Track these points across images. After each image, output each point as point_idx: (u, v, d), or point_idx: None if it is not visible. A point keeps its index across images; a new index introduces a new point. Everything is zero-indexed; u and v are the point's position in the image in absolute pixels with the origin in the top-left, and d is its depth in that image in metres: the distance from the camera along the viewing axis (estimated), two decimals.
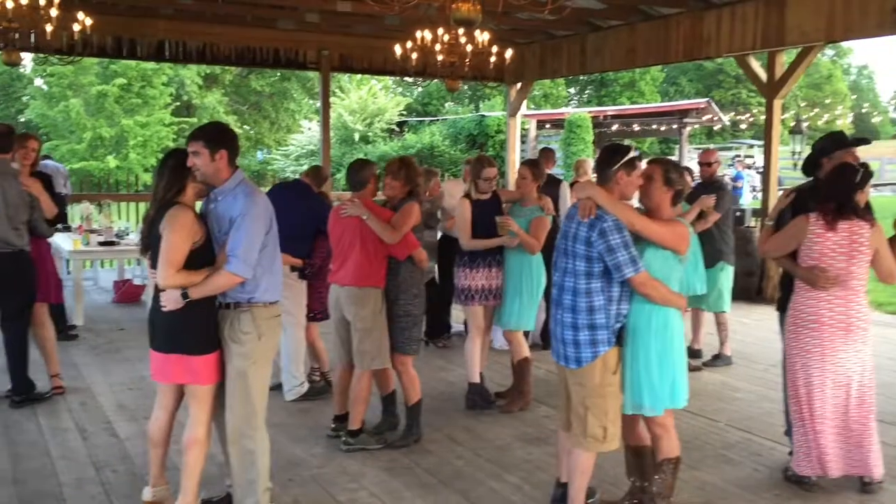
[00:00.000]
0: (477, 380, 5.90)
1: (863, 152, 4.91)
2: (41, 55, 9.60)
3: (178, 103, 35.06)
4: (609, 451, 3.90)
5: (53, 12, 7.45)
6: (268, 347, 3.90)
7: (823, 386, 4.36)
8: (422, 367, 7.04)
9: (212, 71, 36.27)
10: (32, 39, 8.72)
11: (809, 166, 4.82)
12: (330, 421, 5.36)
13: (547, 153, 8.38)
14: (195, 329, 3.76)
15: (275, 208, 6.20)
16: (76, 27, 8.02)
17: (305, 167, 27.79)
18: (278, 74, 37.78)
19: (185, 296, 3.63)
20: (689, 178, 4.89)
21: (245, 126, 38.88)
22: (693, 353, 7.06)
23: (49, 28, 7.57)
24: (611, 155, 3.82)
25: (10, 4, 7.22)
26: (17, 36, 7.91)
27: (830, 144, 4.74)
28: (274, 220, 3.86)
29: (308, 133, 30.24)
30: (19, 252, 5.68)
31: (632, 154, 3.80)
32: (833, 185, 4.35)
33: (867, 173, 4.34)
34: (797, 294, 4.44)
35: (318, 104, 13.80)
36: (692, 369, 6.78)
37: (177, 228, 3.64)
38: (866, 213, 4.35)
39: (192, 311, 3.69)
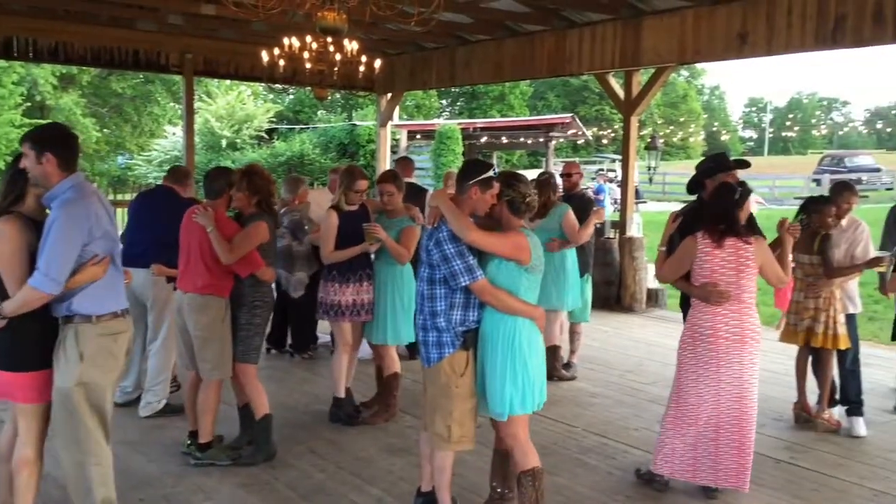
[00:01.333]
0: (342, 395, 5.82)
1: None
2: None
3: (29, 104, 33.00)
4: (460, 450, 3.99)
5: None
6: (99, 368, 3.55)
7: (701, 395, 4.53)
8: (286, 378, 6.98)
9: (68, 71, 34.38)
10: None
11: (693, 186, 5.10)
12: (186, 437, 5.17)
13: (404, 162, 8.44)
14: (18, 345, 3.52)
15: (141, 218, 5.98)
16: None
17: None
18: (141, 76, 36.28)
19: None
20: (530, 188, 4.85)
21: (105, 130, 37.05)
22: (567, 364, 7.23)
23: None
24: (469, 169, 3.94)
25: None
26: None
27: (713, 166, 5.05)
28: (107, 229, 3.57)
29: (172, 138, 29.22)
30: None
31: (489, 173, 3.87)
32: (715, 205, 4.60)
33: (745, 191, 4.60)
34: (694, 309, 4.62)
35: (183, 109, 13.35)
36: (567, 379, 6.97)
37: (1, 242, 3.43)
38: (748, 228, 4.60)
39: (20, 327, 3.46)
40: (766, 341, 4.91)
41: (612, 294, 10.41)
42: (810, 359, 5.97)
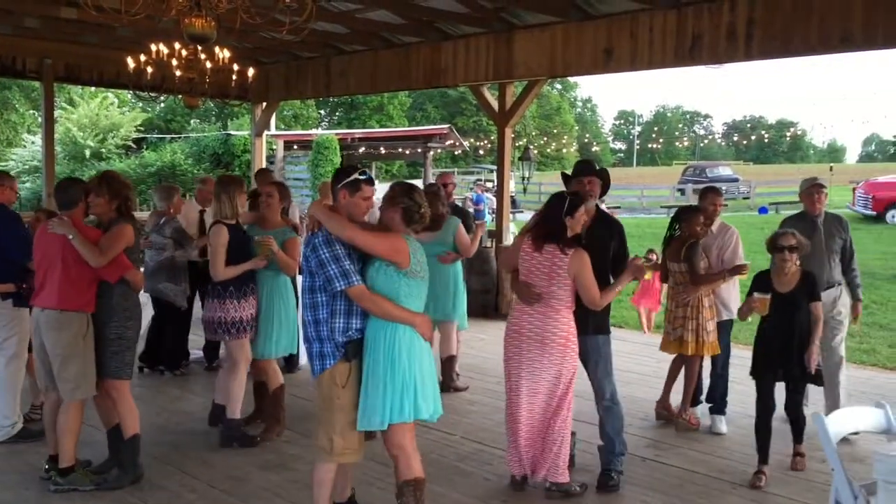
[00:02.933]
0: (238, 415, 5.60)
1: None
2: None
3: None
4: (344, 462, 3.93)
5: None
6: None
7: (519, 391, 4.73)
8: (157, 397, 6.72)
9: None
10: None
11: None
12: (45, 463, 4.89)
13: (263, 173, 8.39)
14: None
15: None
16: None
17: (28, 184, 25.27)
18: None
19: None
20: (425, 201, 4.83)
21: None
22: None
23: None
24: (336, 176, 3.94)
25: None
26: None
27: (571, 174, 5.21)
28: None
29: (31, 147, 27.63)
30: None
31: (355, 176, 3.85)
32: (544, 213, 4.75)
33: (574, 201, 4.68)
34: (512, 306, 4.82)
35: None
36: (462, 390, 7.01)
37: None
38: (570, 240, 4.62)
39: None
40: (633, 343, 5.11)
41: (490, 302, 10.57)
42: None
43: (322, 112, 50.81)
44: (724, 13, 7.71)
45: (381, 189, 4.93)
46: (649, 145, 73.49)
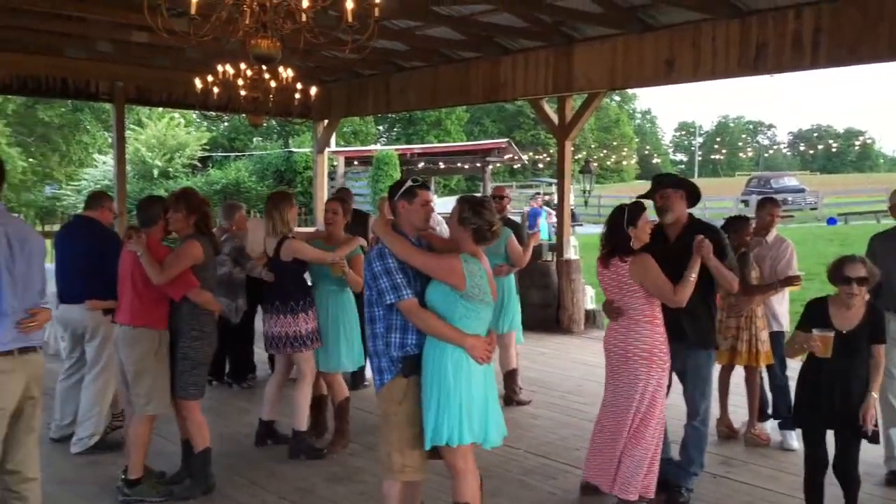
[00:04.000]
0: (304, 428, 5.67)
1: None
2: None
3: None
4: (407, 480, 3.87)
5: None
6: None
7: (605, 404, 4.71)
8: (224, 410, 6.85)
9: None
10: None
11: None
12: None
13: (344, 192, 8.49)
14: None
15: (63, 252, 5.81)
16: None
17: None
18: (70, 105, 35.46)
19: None
20: (496, 216, 4.63)
21: (31, 159, 36.06)
22: None
23: None
24: (392, 190, 3.95)
25: None
26: None
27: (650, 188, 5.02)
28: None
29: (103, 167, 28.63)
30: None
31: (409, 184, 3.87)
32: (607, 227, 4.72)
33: (633, 211, 4.64)
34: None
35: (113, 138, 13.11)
36: (524, 403, 7.00)
37: None
38: (631, 248, 4.54)
39: None
40: None
41: (551, 316, 10.52)
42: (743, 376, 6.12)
43: (381, 128, 51.36)
44: (790, 21, 7.59)
45: (441, 204, 4.96)
46: (711, 156, 72.32)
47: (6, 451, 3.60)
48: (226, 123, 39.93)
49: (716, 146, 76.85)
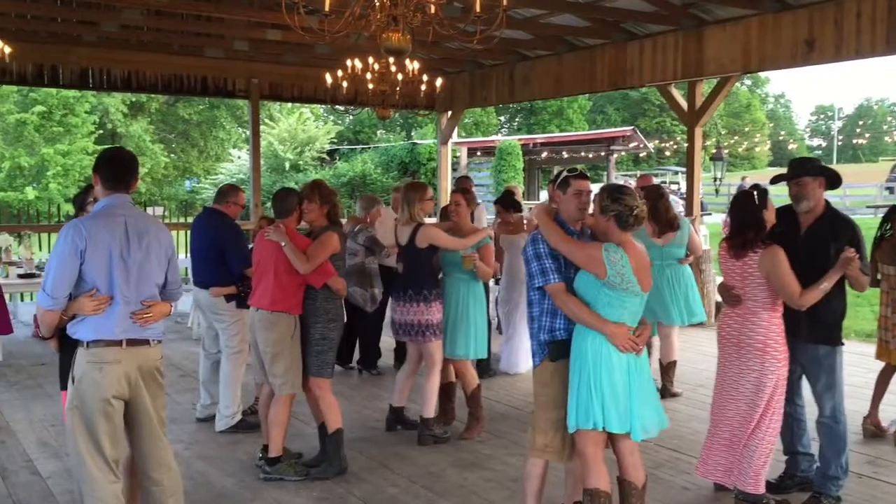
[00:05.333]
0: (433, 415, 5.78)
1: None
2: None
3: (101, 131, 34.27)
4: (545, 459, 3.96)
5: None
6: (86, 394, 3.50)
7: (718, 394, 4.59)
8: (354, 396, 7.06)
9: (137, 99, 35.62)
10: None
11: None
12: None
13: (464, 181, 8.54)
14: (62, 364, 3.81)
15: (194, 242, 6.21)
16: None
17: None
18: (207, 102, 37.31)
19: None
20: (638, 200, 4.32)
21: (172, 155, 38.21)
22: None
23: None
24: (552, 179, 4.05)
25: None
26: None
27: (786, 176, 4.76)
28: (112, 255, 3.51)
29: (238, 162, 29.93)
30: None
31: (564, 174, 3.95)
32: (736, 213, 4.49)
33: (762, 193, 4.44)
34: (723, 310, 4.67)
35: (248, 133, 13.70)
36: (674, 395, 6.91)
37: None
38: (762, 238, 4.35)
39: (65, 349, 3.70)
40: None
41: None
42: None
43: (502, 119, 51.36)
44: None
45: None
46: (853, 141, 68.35)
47: (133, 440, 3.73)
48: (351, 117, 40.99)
49: (857, 130, 72.57)
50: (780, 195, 4.96)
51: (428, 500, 4.74)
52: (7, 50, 7.88)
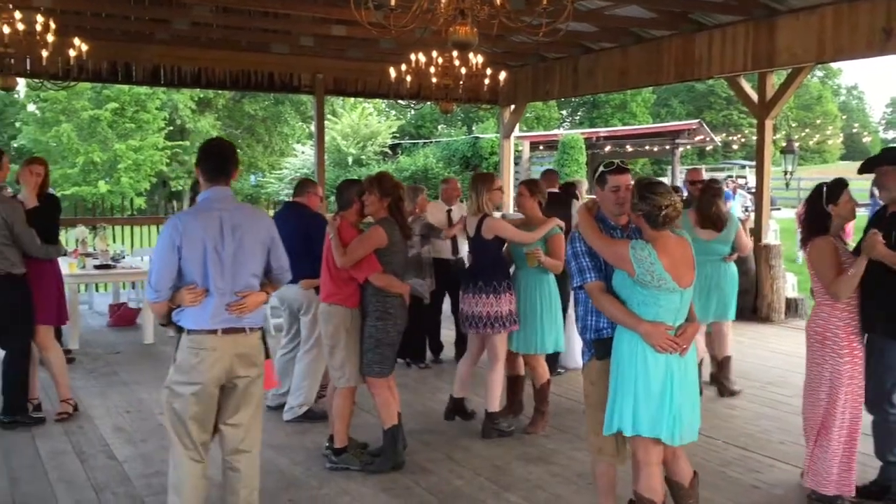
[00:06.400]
0: (497, 409, 5.77)
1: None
2: (36, 81, 9.64)
3: (171, 127, 35.16)
4: (604, 461, 3.89)
5: (49, 38, 7.50)
6: (181, 377, 3.66)
7: (807, 394, 4.57)
8: (420, 387, 7.11)
9: (205, 95, 36.40)
10: (28, 65, 8.79)
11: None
12: None
13: (549, 174, 8.46)
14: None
15: (280, 233, 6.30)
16: (72, 52, 8.07)
17: None
18: (271, 98, 37.92)
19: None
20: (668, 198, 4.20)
21: (238, 150, 38.79)
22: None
23: (45, 54, 7.60)
24: (593, 175, 3.96)
25: (6, 30, 7.26)
26: (12, 61, 7.94)
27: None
28: (201, 244, 3.62)
29: (302, 156, 30.34)
30: (2, 276, 5.65)
31: (600, 169, 3.84)
32: (806, 207, 4.54)
33: (833, 188, 4.40)
34: None
35: (312, 128, 13.89)
36: (733, 393, 6.77)
37: None
38: (816, 231, 4.40)
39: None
40: None
41: (749, 304, 10.02)
42: None
43: (563, 112, 50.89)
44: None
45: None
46: None
47: (222, 424, 3.81)
48: (412, 112, 41.16)
49: None
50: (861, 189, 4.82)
51: (493, 493, 4.75)
52: (84, 48, 8.12)
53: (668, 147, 24.88)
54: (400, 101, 11.18)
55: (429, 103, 10.88)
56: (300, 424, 5.99)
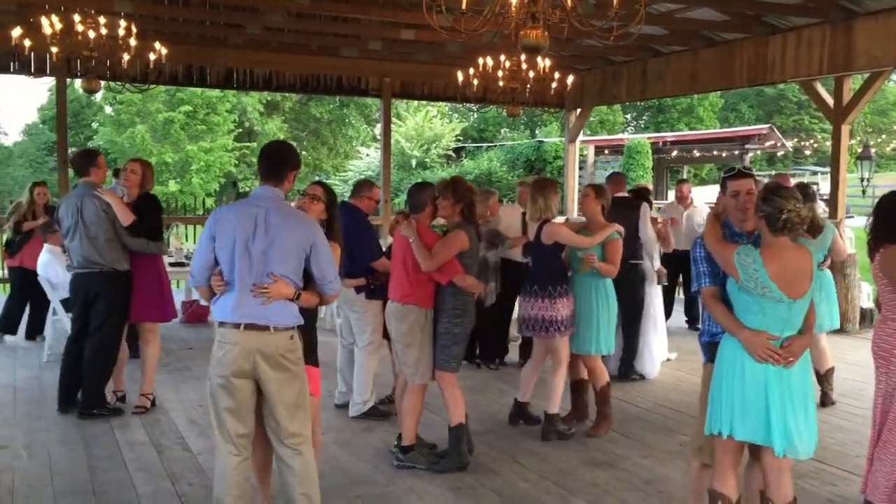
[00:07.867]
0: (557, 411, 5.78)
1: None
2: (117, 83, 9.98)
3: (240, 130, 35.94)
4: (704, 462, 3.89)
5: (132, 42, 7.76)
6: (212, 370, 3.76)
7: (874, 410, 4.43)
8: (485, 389, 7.13)
9: (273, 98, 37.10)
10: (109, 68, 9.09)
11: None
12: None
13: (616, 177, 8.42)
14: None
15: None
16: (152, 56, 8.33)
17: None
18: (337, 101, 38.42)
19: None
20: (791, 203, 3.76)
21: (304, 152, 39.54)
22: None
23: (126, 57, 7.86)
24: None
25: (91, 35, 7.54)
26: (94, 64, 8.22)
27: None
28: (231, 236, 3.68)
29: (366, 159, 30.65)
30: (107, 272, 5.91)
31: (724, 174, 3.88)
32: (875, 215, 4.40)
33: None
34: None
35: (377, 130, 14.06)
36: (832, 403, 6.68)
37: None
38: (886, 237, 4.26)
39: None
40: None
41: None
42: None
43: (628, 116, 50.31)
44: None
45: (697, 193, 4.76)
46: None
47: (262, 420, 3.83)
48: (476, 115, 41.21)
49: None
50: None
51: (560, 496, 4.74)
52: (164, 52, 8.38)
53: (736, 152, 24.33)
54: (464, 105, 11.22)
55: (493, 107, 10.89)
56: (366, 422, 6.08)
